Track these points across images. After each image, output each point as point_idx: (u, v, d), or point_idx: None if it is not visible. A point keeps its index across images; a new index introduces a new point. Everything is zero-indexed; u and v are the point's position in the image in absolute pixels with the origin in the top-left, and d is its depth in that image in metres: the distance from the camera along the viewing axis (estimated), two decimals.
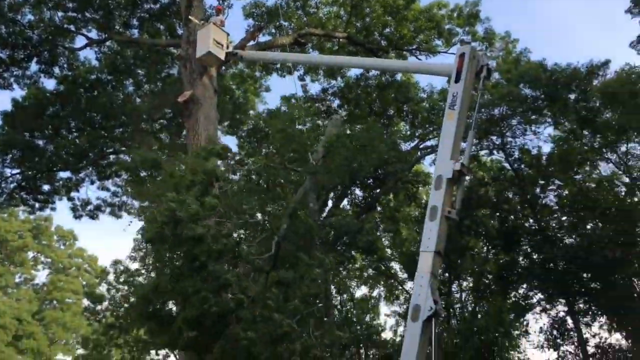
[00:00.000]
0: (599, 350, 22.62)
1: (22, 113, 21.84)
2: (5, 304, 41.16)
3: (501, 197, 24.85)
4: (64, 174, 24.31)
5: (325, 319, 9.55)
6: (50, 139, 22.75)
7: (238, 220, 9.97)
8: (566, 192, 24.59)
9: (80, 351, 35.88)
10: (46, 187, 24.15)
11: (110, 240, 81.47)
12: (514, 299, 24.72)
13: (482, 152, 25.40)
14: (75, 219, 24.99)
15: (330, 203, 22.63)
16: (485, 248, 26.01)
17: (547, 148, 33.14)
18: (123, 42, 22.25)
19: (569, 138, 22.79)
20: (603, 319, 23.29)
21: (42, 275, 51.93)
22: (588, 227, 23.58)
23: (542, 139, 25.05)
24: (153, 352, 25.97)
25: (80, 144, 22.84)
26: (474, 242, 25.28)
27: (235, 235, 10.15)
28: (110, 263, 28.33)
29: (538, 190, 24.91)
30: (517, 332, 24.16)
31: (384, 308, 32.28)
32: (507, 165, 25.36)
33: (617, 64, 40.86)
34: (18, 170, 23.27)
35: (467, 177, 14.97)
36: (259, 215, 11.48)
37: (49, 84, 23.33)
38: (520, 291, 25.03)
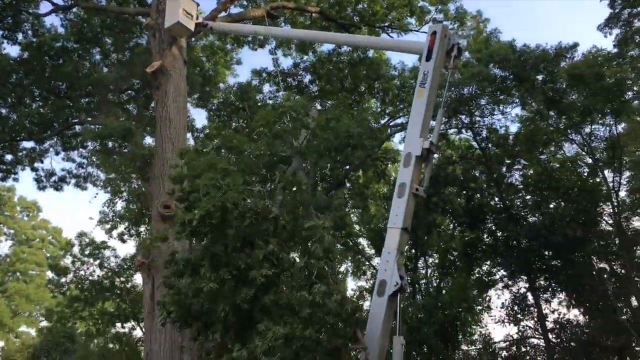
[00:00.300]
0: (558, 326, 23.41)
1: None
2: None
3: (468, 176, 25.26)
4: (28, 144, 23.73)
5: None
6: (13, 108, 22.10)
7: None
8: (531, 171, 25.11)
9: (44, 323, 35.53)
10: (9, 157, 23.53)
11: (75, 212, 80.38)
12: (477, 275, 25.32)
13: (451, 131, 25.71)
14: (39, 190, 24.48)
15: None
16: (451, 225, 26.50)
17: (514, 128, 33.67)
18: (90, 9, 21.60)
19: (535, 119, 23.19)
20: (562, 296, 24.09)
21: (4, 247, 51.00)
22: (551, 206, 24.17)
23: (509, 119, 25.49)
24: (119, 324, 26.01)
25: (44, 114, 22.23)
26: (441, 219, 25.71)
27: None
28: (75, 235, 28.02)
29: (504, 169, 25.38)
30: (479, 307, 24.82)
31: (350, 283, 32.90)
32: (474, 144, 25.75)
33: (585, 46, 41.61)
34: None
35: (436, 155, 15.16)
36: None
37: (13, 50, 22.68)
38: (484, 268, 25.67)
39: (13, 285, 43.70)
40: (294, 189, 10.61)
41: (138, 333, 26.52)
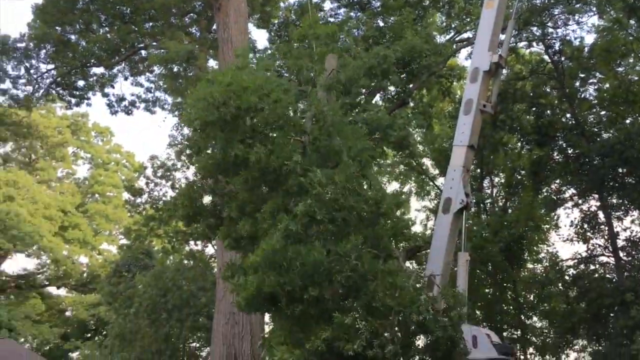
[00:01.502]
0: (630, 244, 22.81)
1: (53, 7, 21.66)
2: (49, 197, 43.00)
3: (538, 92, 24.23)
4: (98, 70, 24.48)
5: None
6: (81, 34, 22.68)
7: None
8: (607, 85, 23.86)
9: (124, 241, 37.78)
10: (81, 83, 24.41)
11: (144, 136, 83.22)
12: (545, 194, 24.80)
13: (521, 44, 24.50)
14: (112, 114, 25.49)
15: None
16: (519, 144, 25.77)
17: (589, 39, 31.77)
18: None
19: (614, 28, 21.72)
20: (636, 213, 23.29)
21: (82, 170, 53.78)
22: (627, 121, 23.06)
23: (585, 30, 24.08)
24: (192, 242, 27.34)
25: (111, 39, 22.72)
26: (508, 137, 25.03)
27: None
28: (147, 158, 29.14)
29: (577, 83, 24.20)
30: (547, 226, 24.44)
31: (414, 204, 33.04)
32: (546, 57, 24.53)
33: None
34: (52, 66, 23.48)
35: (504, 70, 14.56)
36: None
37: None
38: (553, 186, 25.05)
39: (93, 206, 46.24)
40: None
41: (210, 250, 27.87)
